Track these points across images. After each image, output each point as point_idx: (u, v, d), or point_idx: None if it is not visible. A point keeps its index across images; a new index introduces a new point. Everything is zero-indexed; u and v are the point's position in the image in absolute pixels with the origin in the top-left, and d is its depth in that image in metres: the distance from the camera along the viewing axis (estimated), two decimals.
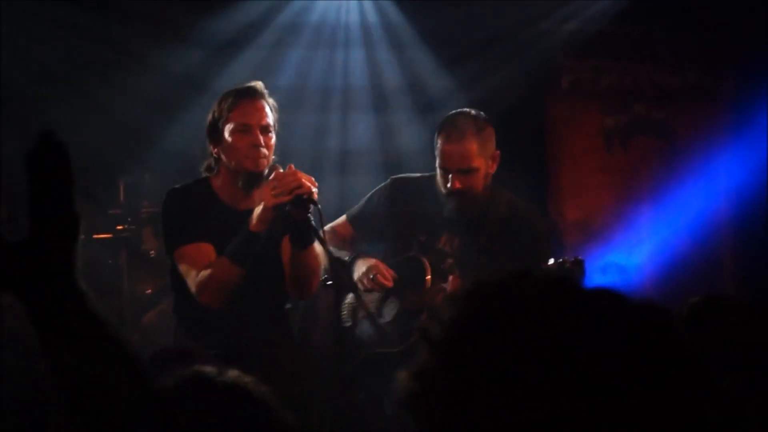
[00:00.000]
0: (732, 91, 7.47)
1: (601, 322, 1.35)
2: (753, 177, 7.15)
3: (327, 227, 5.22)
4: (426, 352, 1.39)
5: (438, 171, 5.15)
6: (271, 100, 4.71)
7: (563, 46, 7.23)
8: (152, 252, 6.80)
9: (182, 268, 4.62)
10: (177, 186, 4.77)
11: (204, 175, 4.76)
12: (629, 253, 6.96)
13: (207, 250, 4.59)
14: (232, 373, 2.10)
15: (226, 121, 4.62)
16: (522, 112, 7.02)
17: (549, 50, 7.21)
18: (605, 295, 1.39)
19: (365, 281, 5.13)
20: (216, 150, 4.67)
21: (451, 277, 5.06)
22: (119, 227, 6.74)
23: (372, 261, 5.20)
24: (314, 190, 4.44)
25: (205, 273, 4.52)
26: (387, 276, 5.16)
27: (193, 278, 4.55)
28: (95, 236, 6.68)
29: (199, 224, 4.62)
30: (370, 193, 5.44)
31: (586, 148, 7.38)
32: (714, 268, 7.31)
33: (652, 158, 7.40)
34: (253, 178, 4.60)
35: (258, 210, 4.47)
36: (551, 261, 4.87)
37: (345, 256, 5.17)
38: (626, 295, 1.40)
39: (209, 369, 2.11)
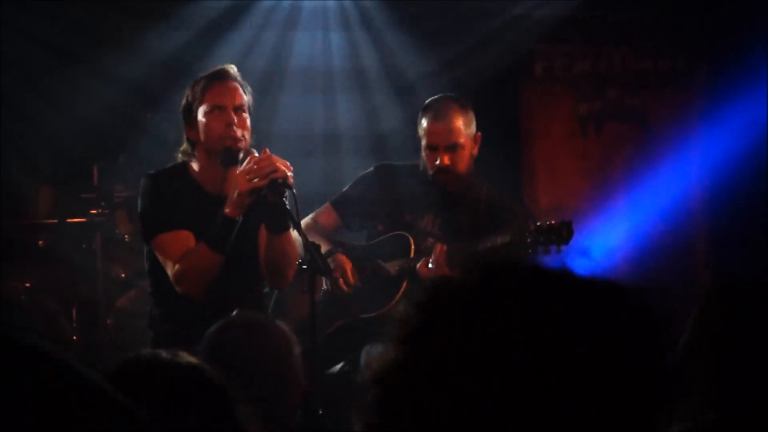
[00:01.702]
0: (705, 76, 7.50)
1: (560, 309, 1.33)
2: (726, 162, 7.18)
3: (309, 217, 5.27)
4: (390, 357, 1.38)
5: (424, 153, 5.23)
6: (244, 83, 4.70)
7: (537, 32, 7.24)
8: (126, 236, 6.79)
9: (160, 256, 4.60)
10: (154, 171, 4.75)
11: (181, 160, 4.74)
12: (603, 238, 6.98)
13: (185, 237, 4.57)
14: (184, 356, 2.12)
15: (200, 103, 4.61)
16: (496, 97, 7.03)
17: (522, 35, 7.22)
18: (562, 279, 1.38)
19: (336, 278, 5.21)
20: (191, 133, 4.66)
21: (438, 246, 5.10)
22: (93, 211, 6.72)
23: (339, 263, 5.27)
24: (289, 174, 4.44)
25: (183, 262, 4.51)
26: (350, 283, 5.25)
27: (172, 267, 4.54)
28: (69, 221, 6.66)
29: (178, 210, 4.60)
30: (353, 180, 5.49)
31: (560, 134, 7.41)
32: (687, 253, 7.34)
33: (626, 143, 7.43)
34: (232, 156, 4.59)
35: (233, 195, 4.46)
36: (539, 222, 4.94)
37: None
38: (587, 277, 1.38)
39: (165, 352, 2.12)
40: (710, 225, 7.39)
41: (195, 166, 4.70)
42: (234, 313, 3.71)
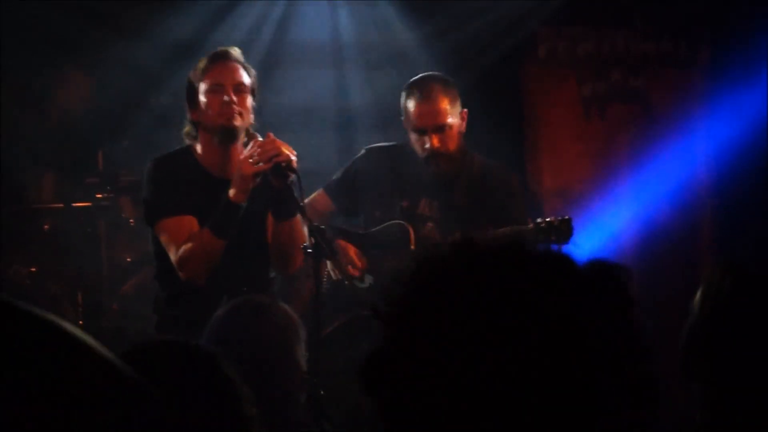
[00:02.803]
0: (708, 57, 7.48)
1: (549, 287, 1.34)
2: (731, 144, 7.17)
3: (305, 201, 5.25)
4: (379, 333, 1.38)
5: (412, 135, 5.20)
6: (247, 65, 4.70)
7: (540, 14, 7.22)
8: (131, 221, 6.79)
9: (164, 240, 4.61)
10: (159, 156, 4.76)
11: (185, 141, 4.75)
12: (607, 221, 6.98)
13: (189, 222, 4.58)
14: (192, 342, 2.12)
15: (200, 84, 4.62)
16: (499, 80, 7.02)
17: (526, 18, 7.19)
18: (553, 259, 1.38)
19: (338, 267, 5.17)
20: (194, 115, 4.67)
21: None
22: (98, 196, 6.71)
23: (346, 247, 5.24)
24: (293, 158, 4.45)
25: (186, 247, 4.52)
26: (358, 264, 5.22)
27: (175, 252, 4.55)
28: (74, 205, 6.65)
29: (181, 195, 4.61)
30: (346, 165, 5.47)
31: (563, 117, 7.39)
32: (692, 236, 7.33)
33: (630, 125, 7.41)
34: (229, 134, 4.60)
35: (237, 179, 4.47)
36: (539, 220, 4.93)
37: None
38: (575, 258, 1.39)
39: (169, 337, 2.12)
40: (715, 207, 7.38)
41: (199, 149, 4.71)
42: (241, 296, 3.73)
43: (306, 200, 5.30)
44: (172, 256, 4.56)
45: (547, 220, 4.89)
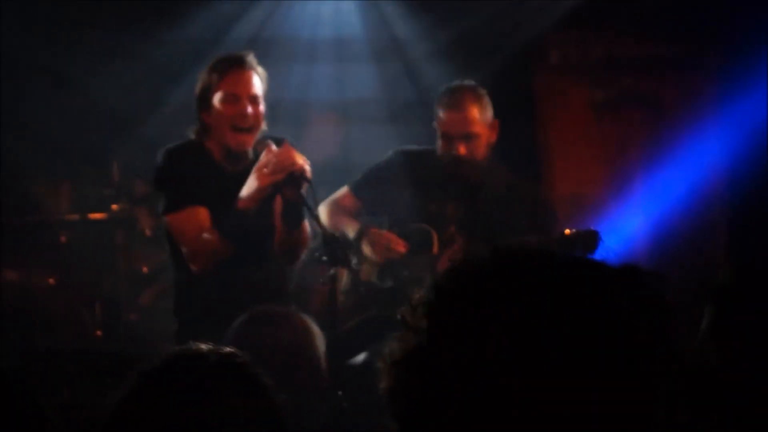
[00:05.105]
0: (720, 60, 7.47)
1: (581, 292, 1.34)
2: (743, 146, 7.16)
3: (328, 200, 5.29)
4: (407, 339, 1.39)
5: (439, 141, 5.23)
6: (261, 71, 4.72)
7: (551, 19, 7.23)
8: (147, 231, 6.82)
9: (174, 232, 4.65)
10: (172, 145, 4.78)
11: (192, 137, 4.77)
12: (621, 225, 6.98)
13: (201, 214, 4.60)
14: (225, 350, 2.13)
15: (215, 90, 4.64)
16: (511, 87, 7.02)
17: (537, 22, 7.20)
18: (584, 264, 1.39)
19: (380, 250, 5.19)
20: (206, 117, 4.69)
21: (457, 244, 5.11)
22: (114, 207, 6.75)
23: (383, 232, 5.27)
24: (307, 167, 4.47)
25: (197, 243, 4.56)
26: (400, 243, 5.23)
27: (186, 244, 4.60)
28: (90, 216, 6.69)
29: (194, 186, 4.64)
30: (373, 165, 5.48)
31: (576, 122, 7.40)
32: (707, 238, 7.33)
33: (642, 129, 7.41)
34: (235, 156, 4.65)
35: (251, 188, 4.48)
36: (566, 230, 4.92)
37: (351, 230, 5.23)
38: (606, 264, 1.40)
39: (202, 346, 2.13)
40: (729, 210, 7.37)
41: (210, 143, 4.73)
42: (258, 305, 3.75)
43: (331, 197, 5.34)
44: (183, 248, 4.60)
45: (574, 231, 4.88)
